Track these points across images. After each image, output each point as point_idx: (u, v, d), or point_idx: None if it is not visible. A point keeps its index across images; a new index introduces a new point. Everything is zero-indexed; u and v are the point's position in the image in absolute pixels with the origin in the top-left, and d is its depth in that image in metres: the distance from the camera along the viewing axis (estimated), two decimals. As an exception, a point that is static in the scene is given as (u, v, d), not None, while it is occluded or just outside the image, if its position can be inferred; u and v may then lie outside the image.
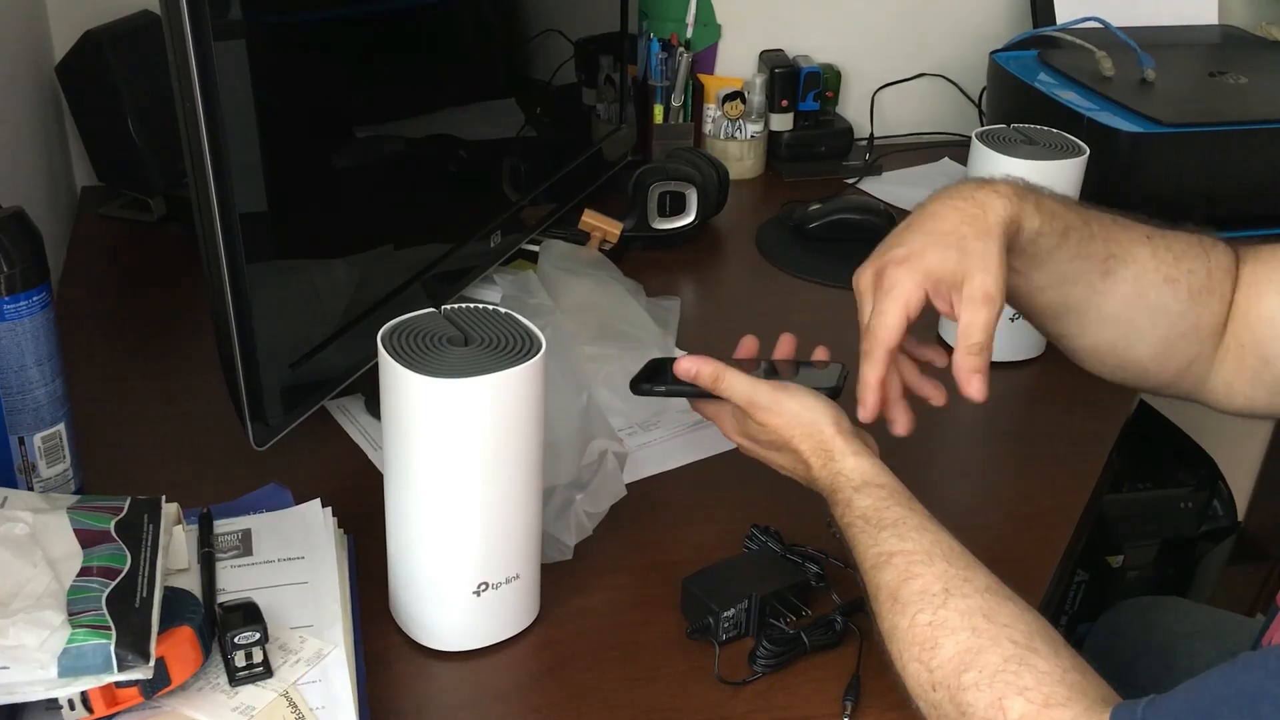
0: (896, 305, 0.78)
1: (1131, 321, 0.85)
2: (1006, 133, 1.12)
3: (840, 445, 0.79)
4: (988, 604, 0.67)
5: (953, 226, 0.78)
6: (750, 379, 0.82)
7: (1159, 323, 0.85)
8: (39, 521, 0.73)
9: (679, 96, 1.53)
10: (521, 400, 0.72)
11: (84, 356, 1.05)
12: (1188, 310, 0.84)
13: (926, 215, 0.80)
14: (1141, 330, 0.85)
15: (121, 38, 1.26)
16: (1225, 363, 0.86)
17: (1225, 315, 0.85)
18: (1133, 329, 0.86)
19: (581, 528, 0.86)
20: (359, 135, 0.97)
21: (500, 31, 1.17)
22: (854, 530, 0.75)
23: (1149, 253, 0.84)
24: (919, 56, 1.67)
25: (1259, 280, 0.84)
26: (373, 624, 0.80)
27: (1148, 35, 1.48)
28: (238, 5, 0.78)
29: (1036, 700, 0.62)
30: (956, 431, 1.09)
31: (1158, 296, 0.84)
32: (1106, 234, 0.83)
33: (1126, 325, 0.85)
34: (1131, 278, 0.84)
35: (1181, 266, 0.84)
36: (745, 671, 0.78)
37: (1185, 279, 0.84)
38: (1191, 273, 0.84)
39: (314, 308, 0.93)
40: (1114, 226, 0.84)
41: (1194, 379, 0.87)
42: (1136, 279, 0.84)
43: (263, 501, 0.89)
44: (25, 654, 0.64)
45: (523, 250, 1.25)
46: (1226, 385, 0.86)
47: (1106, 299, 0.84)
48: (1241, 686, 0.55)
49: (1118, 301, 0.84)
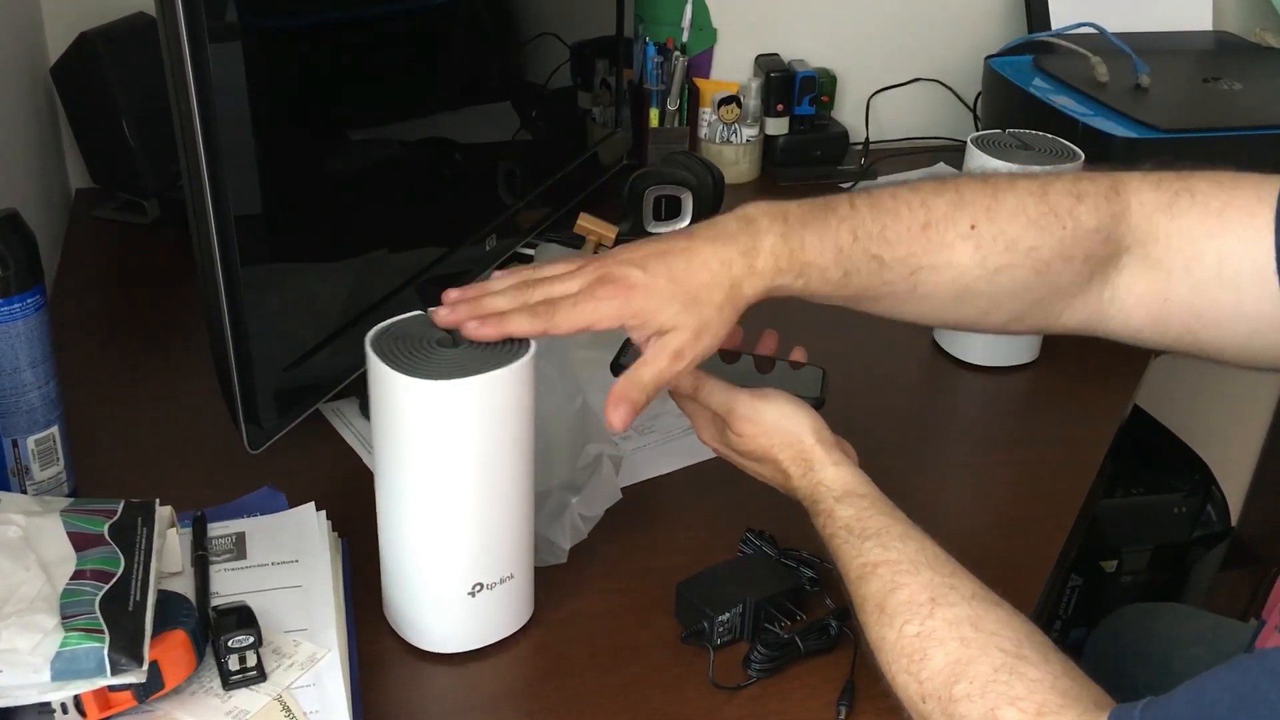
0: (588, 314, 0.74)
1: (961, 310, 0.81)
2: (1001, 138, 1.12)
3: (820, 455, 0.78)
4: (975, 612, 0.67)
5: (693, 285, 0.75)
6: (729, 387, 0.81)
7: (1002, 302, 0.80)
8: (32, 525, 0.73)
9: (674, 100, 1.53)
10: (511, 401, 0.72)
11: (78, 359, 1.05)
12: (1034, 283, 0.79)
13: (684, 259, 0.75)
14: (980, 310, 0.81)
15: (116, 40, 1.26)
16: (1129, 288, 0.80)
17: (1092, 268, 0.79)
18: (965, 314, 0.82)
19: (576, 531, 0.86)
20: (354, 138, 0.97)
21: (496, 35, 1.17)
22: (837, 541, 0.75)
23: (970, 249, 0.77)
24: (914, 61, 1.67)
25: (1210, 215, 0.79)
26: (367, 627, 0.80)
27: (1142, 41, 1.48)
28: (233, 8, 0.78)
29: (1029, 709, 0.62)
30: (950, 437, 1.09)
31: (990, 286, 0.78)
32: (907, 251, 0.77)
33: (959, 313, 0.81)
34: (948, 280, 0.78)
35: (1018, 249, 0.77)
36: (739, 676, 0.78)
37: (1025, 260, 0.78)
38: (1033, 250, 0.77)
39: (308, 311, 0.93)
40: (921, 235, 0.77)
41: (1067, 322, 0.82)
42: (955, 280, 0.78)
43: (256, 505, 0.89)
44: (18, 658, 0.64)
45: (518, 254, 1.25)
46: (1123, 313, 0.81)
47: (922, 305, 0.80)
48: (1238, 689, 0.56)
49: (936, 303, 0.80)
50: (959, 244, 0.78)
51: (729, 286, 0.75)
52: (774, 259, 0.76)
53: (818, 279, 0.77)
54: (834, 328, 0.95)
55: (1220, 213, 0.78)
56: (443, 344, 0.73)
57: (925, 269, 0.78)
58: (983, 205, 0.78)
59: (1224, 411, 1.90)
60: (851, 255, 0.77)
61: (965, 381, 1.15)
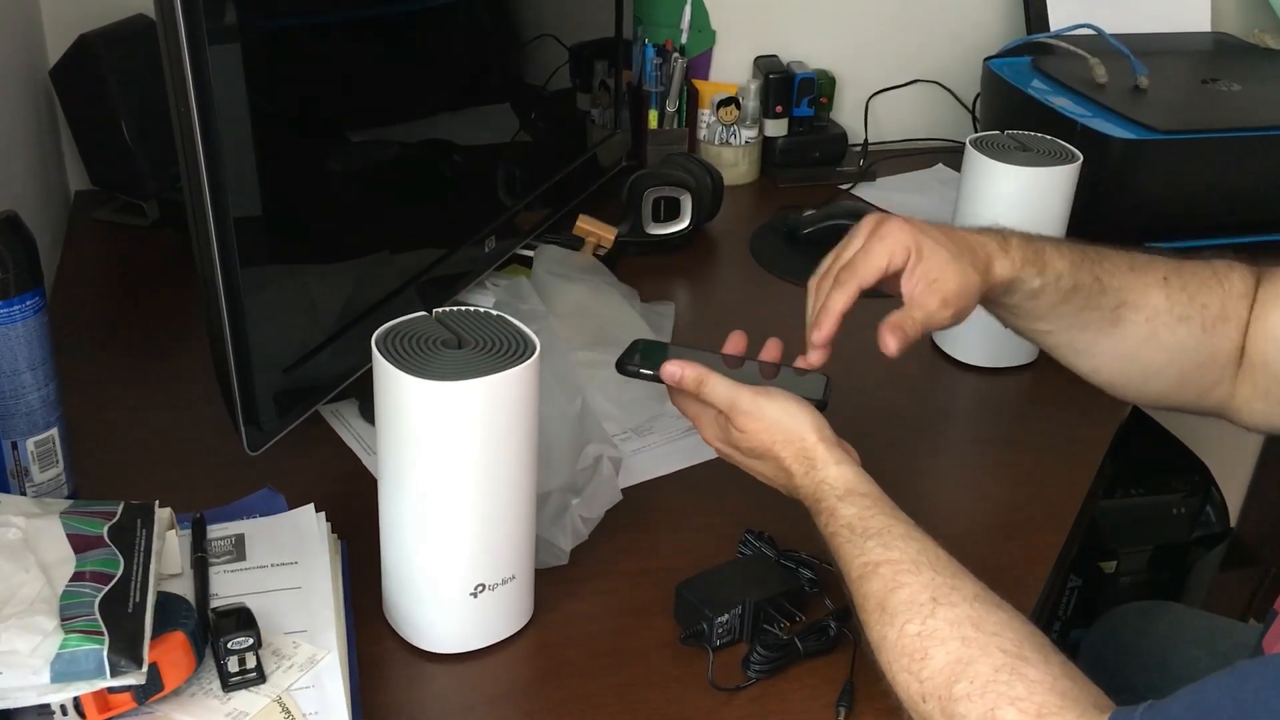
0: (884, 249, 0.81)
1: (1145, 359, 0.88)
2: (1000, 139, 1.12)
3: (823, 453, 0.79)
4: (976, 612, 0.67)
5: (968, 245, 0.83)
6: (733, 384, 0.81)
7: (1175, 359, 0.87)
8: (31, 527, 0.73)
9: (674, 102, 1.53)
10: (516, 402, 0.72)
11: (77, 361, 1.05)
12: (1203, 343, 0.86)
13: (951, 229, 0.84)
14: (1157, 366, 0.88)
15: (116, 42, 1.26)
16: (1244, 382, 0.88)
17: (1241, 340, 0.87)
18: (1147, 365, 0.88)
19: (577, 533, 0.86)
20: (353, 140, 0.97)
21: (495, 37, 1.17)
22: (839, 540, 0.75)
23: (1163, 296, 0.86)
24: (913, 63, 1.67)
25: (1269, 299, 0.86)
26: (366, 629, 0.80)
27: (1141, 42, 1.48)
28: (232, 10, 0.78)
29: (1029, 710, 0.62)
30: (950, 438, 1.09)
31: (1172, 335, 0.86)
32: (1120, 283, 0.86)
33: (1140, 363, 0.88)
34: (1144, 321, 0.86)
35: (1196, 303, 0.86)
36: (739, 677, 0.78)
37: (1199, 314, 0.86)
38: (1205, 307, 0.86)
39: (308, 312, 0.93)
40: (1128, 274, 0.86)
41: (1217, 401, 0.89)
42: (1149, 321, 0.86)
43: (256, 506, 0.89)
44: (18, 659, 0.64)
45: (517, 255, 1.25)
46: (1247, 403, 0.88)
47: (1118, 343, 0.87)
48: (1240, 695, 0.55)
49: (1130, 344, 0.87)
50: (1155, 289, 0.86)
51: (986, 258, 0.83)
52: (1022, 251, 0.84)
53: (1053, 283, 0.84)
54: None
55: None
56: (448, 345, 0.73)
57: (1129, 305, 0.86)
58: (1171, 263, 0.87)
59: (1223, 412, 1.90)
60: (1079, 270, 0.85)
61: (965, 382, 1.15)
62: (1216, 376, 0.88)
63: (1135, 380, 0.90)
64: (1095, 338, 0.87)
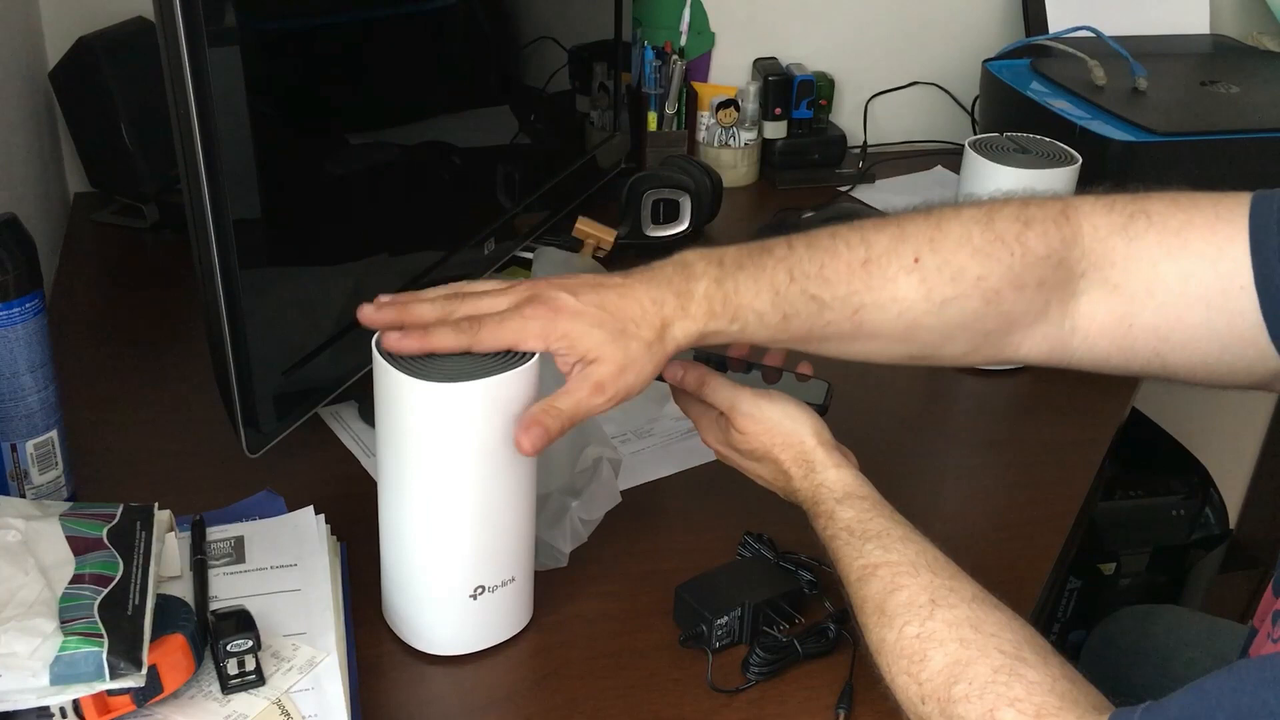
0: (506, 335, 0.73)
1: (910, 346, 0.79)
2: (999, 141, 1.12)
3: (822, 456, 0.79)
4: (975, 614, 0.67)
5: (623, 317, 0.74)
6: (734, 385, 0.81)
7: (954, 334, 0.78)
8: (31, 529, 0.73)
9: (673, 104, 1.53)
10: (516, 404, 0.72)
11: (76, 363, 1.05)
12: (986, 312, 0.77)
13: (618, 293, 0.74)
14: (932, 343, 0.79)
15: (115, 44, 1.26)
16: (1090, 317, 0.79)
17: (1047, 296, 0.78)
18: (916, 350, 0.80)
19: (577, 534, 0.86)
20: (352, 142, 0.97)
21: (494, 39, 1.17)
22: (837, 543, 0.75)
23: (915, 282, 0.76)
24: (912, 65, 1.68)
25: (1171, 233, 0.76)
26: (365, 631, 0.80)
27: (1140, 44, 1.48)
28: (232, 12, 0.78)
29: (1028, 711, 0.62)
30: (948, 440, 1.09)
31: (938, 319, 0.77)
32: (847, 290, 0.76)
33: (910, 347, 0.80)
34: (894, 316, 0.77)
35: (966, 279, 0.76)
36: (738, 679, 0.78)
37: (973, 289, 0.76)
38: (981, 279, 0.76)
39: (307, 314, 0.93)
40: (862, 272, 0.76)
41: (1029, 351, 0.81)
42: (901, 316, 0.77)
43: (255, 508, 0.89)
44: (17, 661, 0.64)
45: (516, 257, 1.25)
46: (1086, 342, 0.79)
47: (869, 343, 0.79)
48: (1238, 695, 0.56)
49: (883, 341, 0.79)
50: (902, 278, 0.76)
51: (659, 325, 0.74)
52: (707, 303, 0.75)
53: (754, 323, 0.76)
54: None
55: (1179, 231, 0.76)
56: None
57: (869, 306, 0.76)
58: (925, 237, 0.76)
59: (1222, 414, 1.90)
60: (789, 297, 0.76)
61: (963, 384, 1.15)
62: (1021, 335, 0.79)
63: (917, 357, 0.80)
64: (840, 345, 0.79)
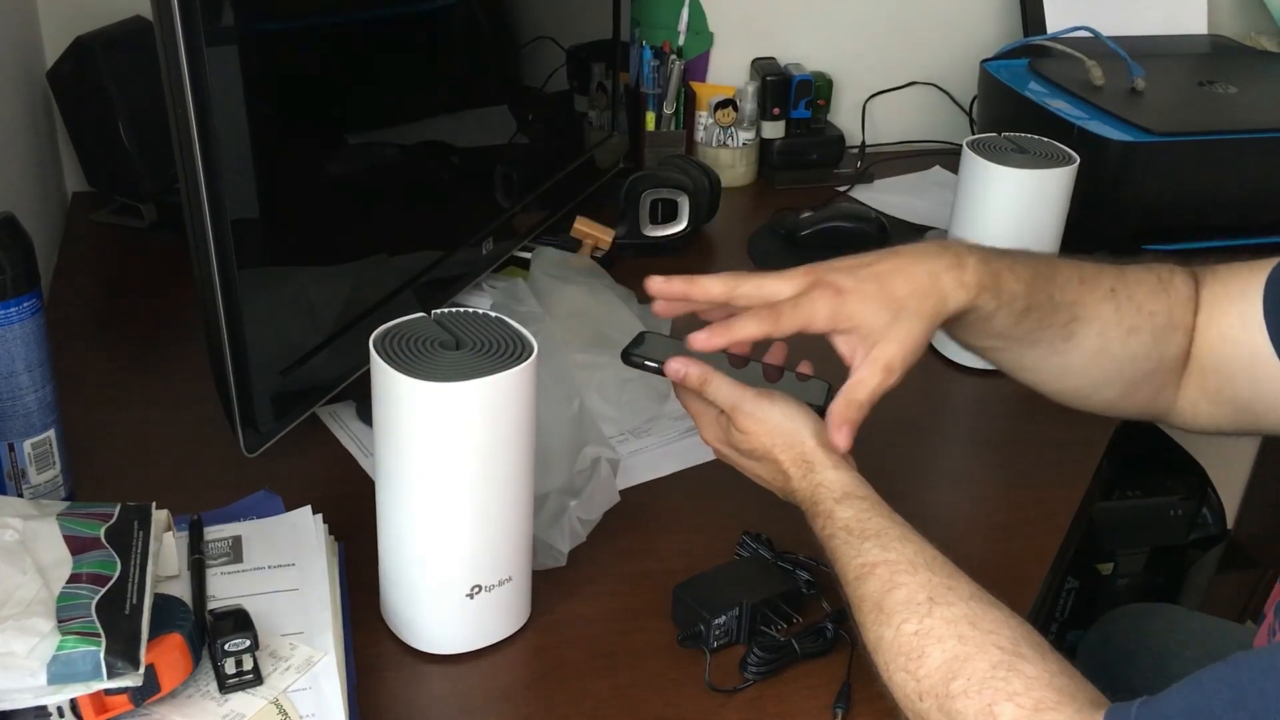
0: (799, 318, 0.78)
1: (1095, 372, 0.86)
2: (997, 141, 1.12)
3: (821, 457, 0.79)
4: (973, 611, 0.68)
5: (902, 294, 0.78)
6: (736, 384, 0.82)
7: (1124, 370, 0.86)
8: (28, 528, 0.73)
9: (671, 104, 1.53)
10: (513, 403, 0.72)
11: (74, 362, 1.05)
12: (1151, 351, 0.85)
13: (890, 269, 0.80)
14: (1107, 377, 0.86)
15: (113, 43, 1.26)
16: (1189, 385, 0.87)
17: (1188, 344, 0.86)
18: (1096, 378, 0.87)
19: (575, 534, 0.86)
20: (351, 142, 0.97)
21: (492, 39, 1.17)
22: (836, 542, 0.75)
23: (1112, 309, 0.84)
24: (910, 65, 1.68)
25: (1216, 301, 0.85)
26: (363, 631, 0.80)
27: (1138, 44, 1.48)
28: (230, 11, 0.78)
29: (1026, 705, 0.62)
30: (947, 440, 1.09)
31: (1122, 348, 0.85)
32: (1072, 298, 0.83)
33: (1089, 376, 0.87)
34: (1095, 334, 0.84)
35: (1144, 312, 0.84)
36: (736, 679, 0.78)
37: (1148, 324, 0.84)
38: (1154, 315, 0.85)
39: (305, 314, 0.93)
40: (1079, 288, 0.84)
41: (1161, 406, 0.88)
42: (1100, 335, 0.84)
43: (253, 508, 0.89)
44: (14, 661, 0.64)
45: (515, 257, 1.25)
46: (1192, 407, 0.88)
47: (1068, 358, 0.85)
48: (1234, 685, 0.56)
49: (1080, 358, 0.85)
50: (1104, 302, 0.84)
51: (936, 298, 0.79)
52: (978, 276, 0.80)
53: (1007, 306, 0.81)
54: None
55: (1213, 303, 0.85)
56: (446, 346, 0.74)
57: (1080, 320, 0.84)
58: (1115, 271, 0.85)
59: (1220, 414, 1.90)
60: (1034, 290, 0.82)
61: (961, 384, 1.15)
62: (1162, 382, 0.87)
63: (1084, 391, 0.88)
64: (1045, 354, 0.85)
